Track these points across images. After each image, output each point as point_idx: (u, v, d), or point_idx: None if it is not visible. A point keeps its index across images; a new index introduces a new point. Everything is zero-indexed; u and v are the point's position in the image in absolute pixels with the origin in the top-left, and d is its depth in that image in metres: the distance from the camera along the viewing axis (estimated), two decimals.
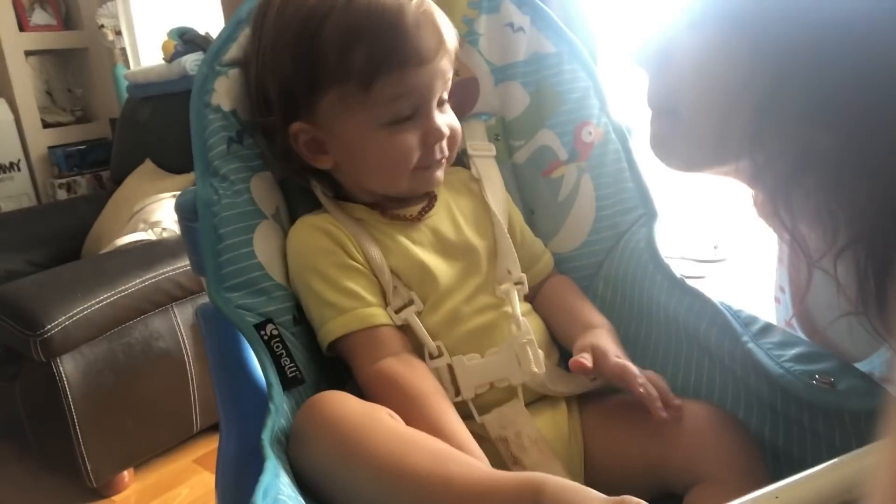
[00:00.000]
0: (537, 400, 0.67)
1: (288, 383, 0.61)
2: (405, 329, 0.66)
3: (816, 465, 0.39)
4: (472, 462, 0.54)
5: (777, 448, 0.59)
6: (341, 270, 0.67)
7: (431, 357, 0.65)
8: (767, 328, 0.62)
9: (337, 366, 0.69)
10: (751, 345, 0.60)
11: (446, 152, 0.69)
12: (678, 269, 0.70)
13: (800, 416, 0.57)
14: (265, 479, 0.48)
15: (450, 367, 0.65)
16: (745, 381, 0.61)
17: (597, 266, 0.77)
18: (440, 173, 0.70)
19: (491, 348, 0.66)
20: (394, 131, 0.66)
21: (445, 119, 0.69)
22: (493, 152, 0.80)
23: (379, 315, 0.65)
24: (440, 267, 0.68)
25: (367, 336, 0.65)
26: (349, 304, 0.65)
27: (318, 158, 0.69)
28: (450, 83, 0.69)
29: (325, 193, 0.72)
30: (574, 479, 0.61)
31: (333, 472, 0.54)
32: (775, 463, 0.59)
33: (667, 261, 0.70)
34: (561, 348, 0.73)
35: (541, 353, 0.67)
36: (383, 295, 0.67)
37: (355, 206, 0.72)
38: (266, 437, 0.54)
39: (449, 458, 0.53)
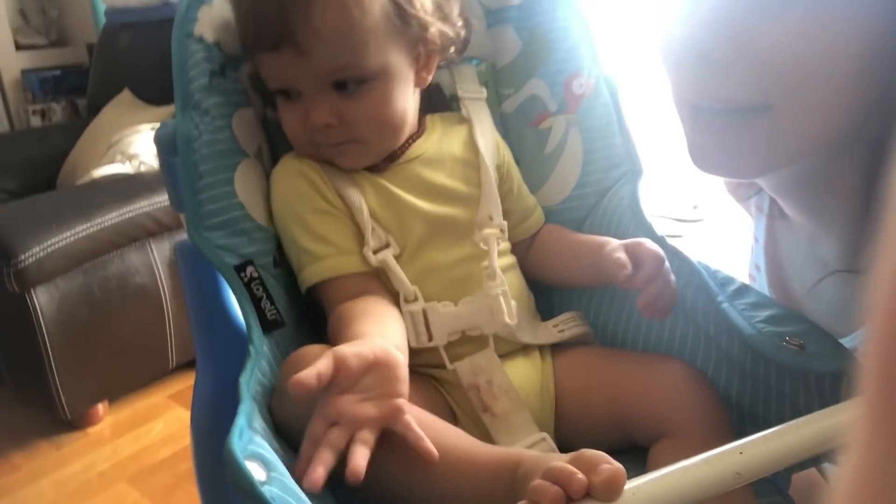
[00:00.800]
0: (512, 352, 0.68)
1: (268, 326, 0.61)
2: (381, 272, 0.66)
3: (779, 423, 0.40)
4: (461, 435, 0.55)
5: (743, 407, 0.61)
6: (316, 216, 0.66)
7: (406, 301, 0.65)
8: (743, 289, 0.63)
9: (317, 308, 0.69)
10: (725, 305, 0.61)
11: (334, 139, 0.65)
12: (659, 227, 0.70)
13: (767, 377, 0.58)
14: (240, 420, 0.48)
15: (424, 312, 0.65)
16: (717, 340, 0.62)
17: (580, 221, 0.77)
18: (343, 158, 0.67)
19: (465, 297, 0.67)
20: (281, 106, 0.67)
21: (333, 104, 0.63)
22: (484, 94, 0.79)
23: (351, 263, 0.65)
24: (420, 212, 0.68)
25: (338, 284, 0.65)
26: (322, 250, 0.65)
27: None
28: (347, 64, 0.62)
29: None
30: (544, 429, 0.63)
31: None
32: (741, 422, 0.61)
33: (650, 219, 0.71)
34: (536, 300, 0.73)
35: (514, 304, 0.67)
36: (360, 237, 0.67)
37: None
38: (244, 379, 0.54)
39: (436, 429, 0.53)
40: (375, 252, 0.66)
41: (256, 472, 0.42)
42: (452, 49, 0.72)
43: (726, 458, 0.38)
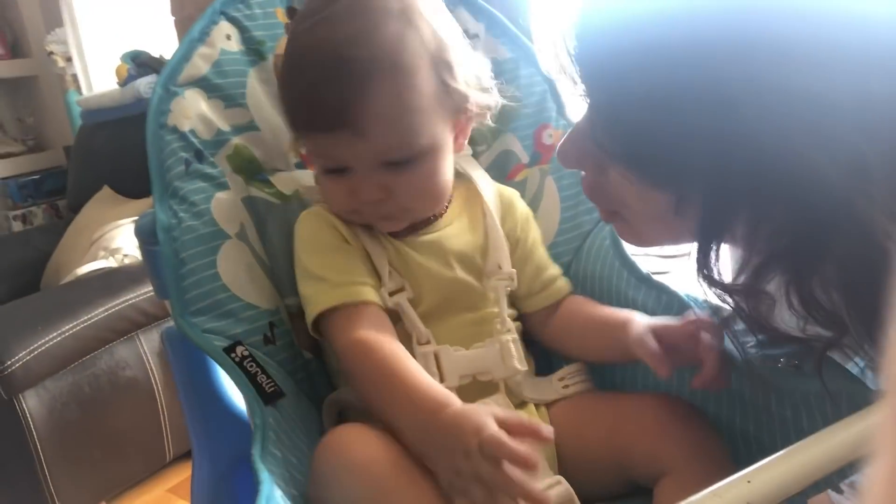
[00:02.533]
0: (521, 404, 0.68)
1: (268, 398, 0.61)
2: (394, 314, 0.66)
3: (784, 447, 0.40)
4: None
5: (748, 435, 0.60)
6: (337, 251, 0.67)
7: (420, 343, 0.65)
8: (732, 317, 0.63)
9: (314, 378, 0.69)
10: None
11: (382, 211, 0.66)
12: (644, 265, 0.71)
13: (768, 403, 0.58)
14: (264, 489, 0.48)
15: (436, 354, 0.65)
16: None
17: (566, 266, 0.77)
18: (387, 224, 0.68)
19: (476, 342, 0.67)
20: (326, 178, 0.67)
21: (382, 180, 0.63)
22: (470, 151, 0.80)
23: (368, 293, 0.65)
24: (436, 278, 0.68)
25: (353, 311, 0.64)
26: (341, 278, 0.65)
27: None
28: (394, 146, 0.62)
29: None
30: (550, 467, 0.62)
31: None
32: (747, 450, 0.60)
33: (633, 258, 0.71)
34: (536, 358, 0.73)
35: (524, 355, 0.68)
36: (378, 278, 0.67)
37: None
38: (256, 454, 0.53)
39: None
40: (392, 294, 0.66)
41: None
42: (488, 115, 0.71)
43: (735, 488, 0.37)
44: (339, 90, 0.60)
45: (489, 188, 0.76)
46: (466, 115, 0.68)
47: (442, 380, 0.64)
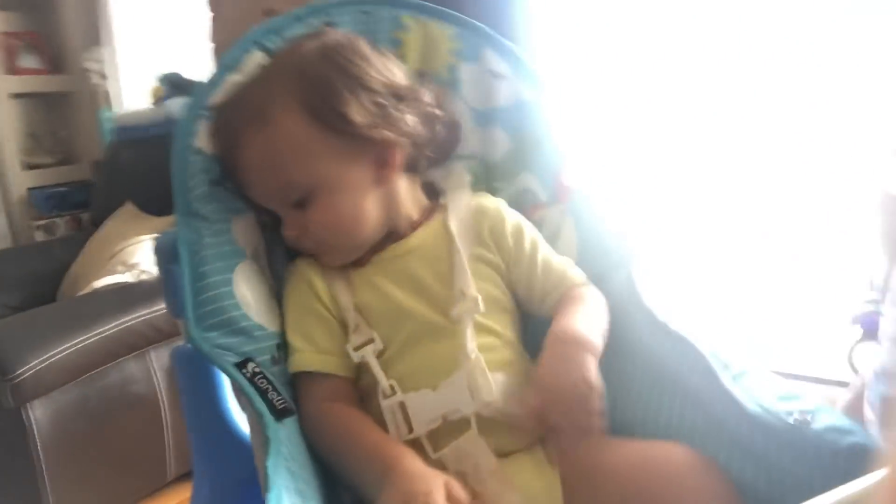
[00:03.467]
0: (515, 451, 0.66)
1: (279, 414, 0.61)
2: (361, 366, 0.68)
3: None
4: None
5: (759, 492, 0.59)
6: (305, 314, 0.70)
7: (385, 396, 0.66)
8: (747, 370, 0.62)
9: None
10: (729, 386, 0.60)
11: (306, 246, 0.72)
12: (664, 311, 0.70)
13: (781, 459, 0.57)
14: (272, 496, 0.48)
15: (402, 406, 0.65)
16: (726, 423, 0.61)
17: None
18: (324, 258, 0.72)
19: (444, 378, 0.66)
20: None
21: (297, 218, 0.69)
22: (468, 178, 0.80)
23: (329, 363, 0.68)
24: (408, 310, 0.69)
25: (313, 380, 0.68)
26: (304, 346, 0.69)
27: None
28: (278, 190, 0.69)
29: None
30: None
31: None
32: None
33: (649, 304, 0.70)
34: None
35: (493, 380, 0.65)
36: (346, 335, 0.69)
37: None
38: (270, 463, 0.54)
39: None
40: (356, 349, 0.68)
41: None
42: (430, 144, 0.74)
43: None
44: (224, 151, 0.70)
45: (465, 216, 0.75)
46: (380, 148, 0.69)
47: (410, 430, 0.64)
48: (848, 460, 0.51)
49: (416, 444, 0.64)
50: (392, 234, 0.73)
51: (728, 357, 0.64)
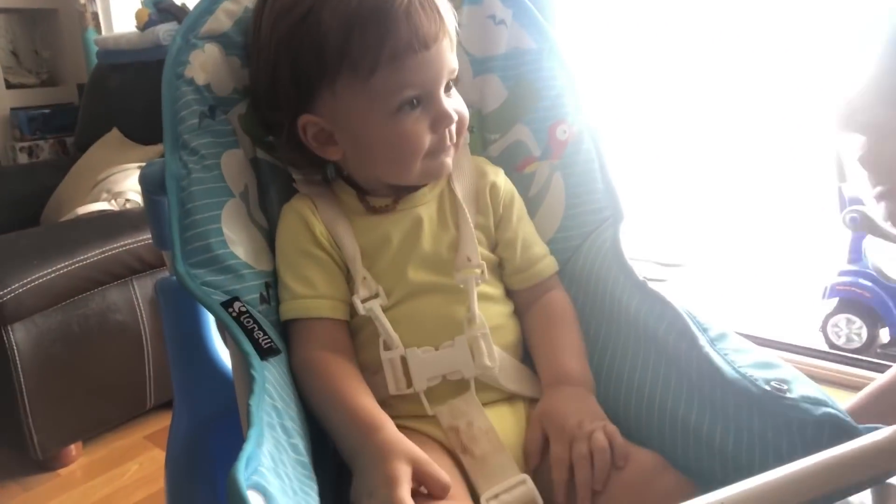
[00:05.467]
0: (497, 400, 0.68)
1: (264, 353, 0.61)
2: (365, 319, 0.67)
3: (763, 471, 0.40)
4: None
5: (726, 453, 0.60)
6: (302, 257, 0.68)
7: (387, 348, 0.65)
8: (724, 334, 0.63)
9: None
10: (708, 349, 0.61)
11: (455, 138, 0.69)
12: (641, 271, 0.71)
13: (751, 423, 0.58)
14: (248, 447, 0.47)
15: (403, 359, 0.65)
16: (700, 384, 0.62)
17: (562, 263, 0.77)
18: (449, 159, 0.69)
19: (446, 340, 0.67)
20: (401, 120, 0.65)
21: (453, 103, 0.67)
22: (468, 140, 0.80)
23: (323, 308, 0.67)
24: (413, 261, 0.68)
25: (306, 326, 0.66)
26: (300, 290, 0.67)
27: (327, 150, 0.69)
28: (456, 66, 0.67)
29: (313, 180, 0.73)
30: (526, 472, 0.62)
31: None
32: (723, 468, 0.60)
33: (630, 263, 0.71)
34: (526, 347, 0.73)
35: (496, 349, 0.67)
36: (345, 284, 0.68)
37: (344, 190, 0.72)
38: (254, 402, 0.54)
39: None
40: (364, 301, 0.67)
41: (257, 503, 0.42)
42: None
43: None
44: (435, 5, 0.65)
45: (468, 180, 0.75)
46: None
47: (409, 383, 0.65)
48: (818, 430, 0.53)
49: (413, 400, 0.65)
50: (406, 186, 0.72)
51: (706, 320, 0.65)
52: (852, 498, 0.41)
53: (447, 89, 0.67)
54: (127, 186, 1.75)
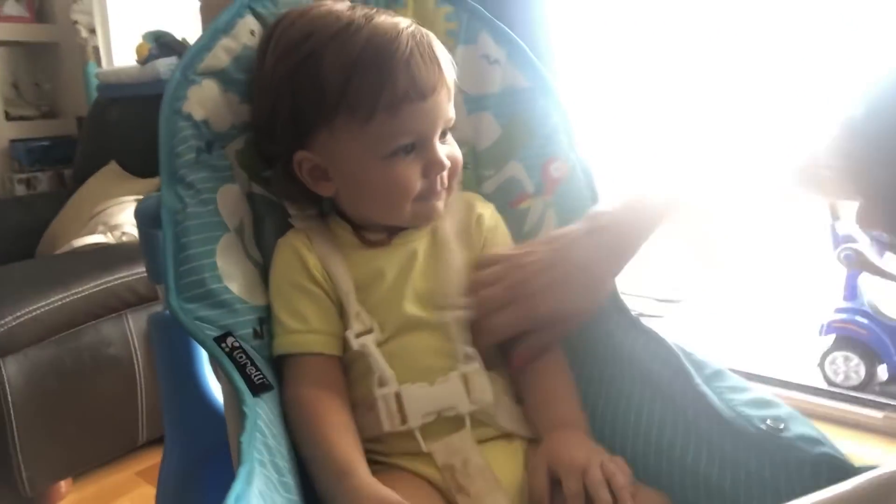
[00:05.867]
0: (493, 438, 0.67)
1: (257, 389, 0.60)
2: (355, 353, 0.66)
3: None
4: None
5: (724, 493, 0.60)
6: (296, 291, 0.68)
7: (381, 385, 0.65)
8: (720, 372, 0.63)
9: None
10: (703, 388, 0.61)
11: (447, 183, 0.69)
12: (635, 308, 0.71)
13: (748, 463, 0.58)
14: (237, 486, 0.47)
15: (397, 395, 0.64)
16: (696, 423, 0.62)
17: None
18: (440, 204, 0.70)
19: (440, 376, 0.66)
20: (394, 163, 0.66)
21: (446, 150, 0.68)
22: (460, 177, 0.80)
23: (316, 343, 0.66)
24: (407, 296, 0.68)
25: (297, 361, 0.66)
26: (293, 325, 0.67)
27: (321, 185, 0.70)
28: (453, 116, 0.69)
29: (308, 215, 0.73)
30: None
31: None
32: None
33: (624, 299, 0.71)
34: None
35: (489, 384, 0.66)
36: (339, 319, 0.68)
37: (339, 224, 0.72)
38: (245, 439, 0.53)
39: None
40: (358, 336, 0.66)
41: None
42: None
43: None
44: (435, 57, 0.66)
45: (456, 217, 0.74)
46: None
47: (404, 420, 0.64)
48: (816, 469, 0.52)
49: (407, 436, 0.64)
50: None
51: (701, 357, 0.65)
52: None
53: (442, 136, 0.68)
54: (123, 219, 1.75)
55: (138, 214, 0.70)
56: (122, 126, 2.08)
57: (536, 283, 0.68)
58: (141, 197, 1.08)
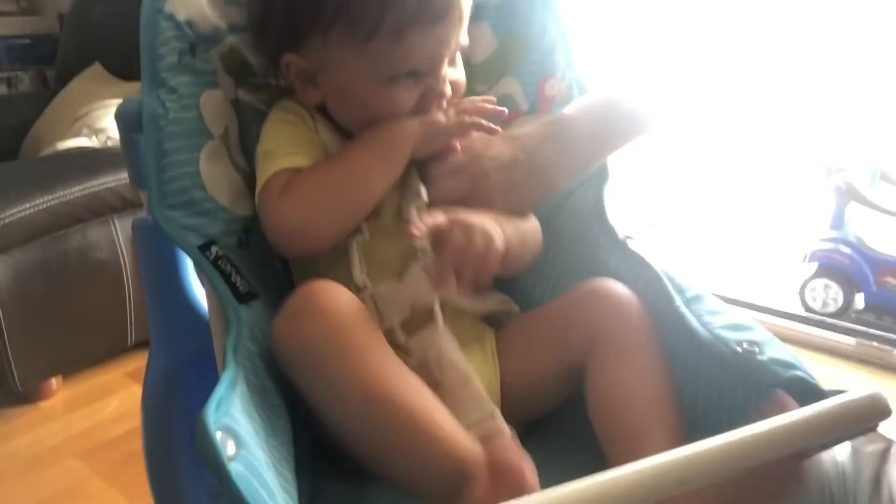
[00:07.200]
0: (465, 342, 0.67)
1: (242, 298, 0.60)
2: (336, 252, 0.65)
3: (730, 429, 0.41)
4: (445, 418, 0.55)
5: (695, 410, 0.62)
6: (298, 127, 0.68)
7: (358, 290, 0.64)
8: (700, 295, 0.64)
9: (283, 287, 0.68)
10: (683, 309, 0.61)
11: (444, 108, 0.67)
12: (624, 230, 0.71)
13: (720, 382, 0.59)
14: (220, 389, 0.47)
15: (373, 298, 0.64)
16: (675, 343, 0.63)
17: (545, 220, 0.77)
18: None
19: (406, 269, 0.65)
20: (390, 86, 0.63)
21: (451, 76, 0.66)
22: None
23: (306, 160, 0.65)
24: (388, 196, 0.67)
25: (290, 174, 0.64)
26: (295, 150, 0.65)
27: (307, 91, 0.68)
28: (465, 41, 0.65)
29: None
30: (491, 395, 0.63)
31: (319, 367, 0.54)
32: (692, 426, 0.61)
33: (612, 222, 0.71)
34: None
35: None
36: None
37: (325, 128, 0.70)
38: (229, 344, 0.53)
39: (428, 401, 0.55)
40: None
41: (226, 446, 0.42)
42: None
43: (671, 465, 0.39)
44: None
45: None
46: None
47: (382, 322, 0.63)
48: (787, 392, 0.54)
49: (388, 337, 0.62)
50: None
51: (683, 281, 0.65)
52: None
53: (451, 61, 0.65)
54: (108, 123, 1.71)
55: (119, 118, 0.68)
56: (106, 25, 2.00)
57: (495, 179, 0.67)
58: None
